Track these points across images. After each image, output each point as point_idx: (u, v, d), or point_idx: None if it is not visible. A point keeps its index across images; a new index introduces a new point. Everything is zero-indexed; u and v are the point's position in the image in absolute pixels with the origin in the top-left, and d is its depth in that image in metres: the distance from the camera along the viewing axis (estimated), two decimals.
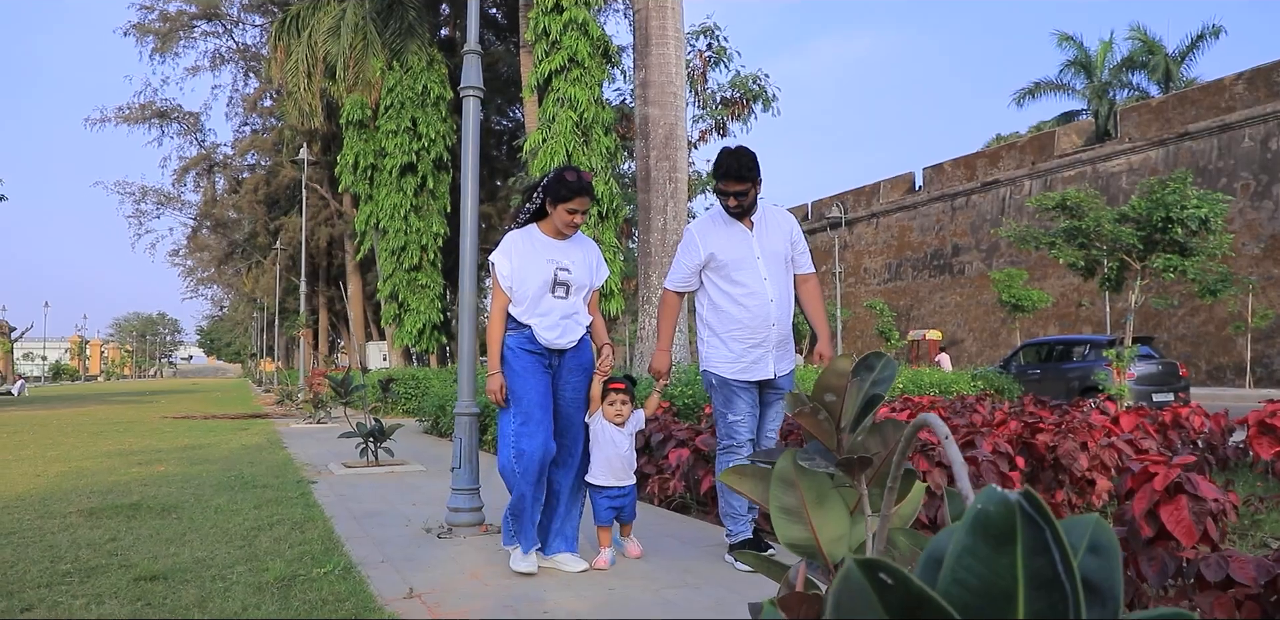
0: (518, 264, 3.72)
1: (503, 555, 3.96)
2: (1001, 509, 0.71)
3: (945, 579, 0.72)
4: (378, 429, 7.24)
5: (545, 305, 3.68)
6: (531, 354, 3.65)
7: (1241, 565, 2.34)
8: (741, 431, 3.71)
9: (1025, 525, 0.72)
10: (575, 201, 3.70)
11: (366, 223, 19.51)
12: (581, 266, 3.78)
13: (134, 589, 3.48)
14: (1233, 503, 4.54)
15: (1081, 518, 0.84)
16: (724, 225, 3.85)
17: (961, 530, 0.73)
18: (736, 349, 3.72)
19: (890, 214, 34.67)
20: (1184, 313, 23.51)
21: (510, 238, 3.81)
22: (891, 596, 0.69)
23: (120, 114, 33.39)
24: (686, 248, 3.87)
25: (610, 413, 3.71)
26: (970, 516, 0.73)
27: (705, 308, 3.86)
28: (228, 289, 56.16)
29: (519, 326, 3.69)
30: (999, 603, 0.71)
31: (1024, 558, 0.71)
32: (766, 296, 3.72)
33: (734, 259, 3.75)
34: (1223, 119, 22.71)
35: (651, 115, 8.99)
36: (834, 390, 1.74)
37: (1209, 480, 2.49)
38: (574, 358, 3.75)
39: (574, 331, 3.73)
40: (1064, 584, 0.71)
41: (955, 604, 0.71)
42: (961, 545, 0.72)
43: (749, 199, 3.78)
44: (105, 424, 14.05)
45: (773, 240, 3.83)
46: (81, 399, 26.83)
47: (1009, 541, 0.71)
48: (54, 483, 6.72)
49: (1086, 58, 32.32)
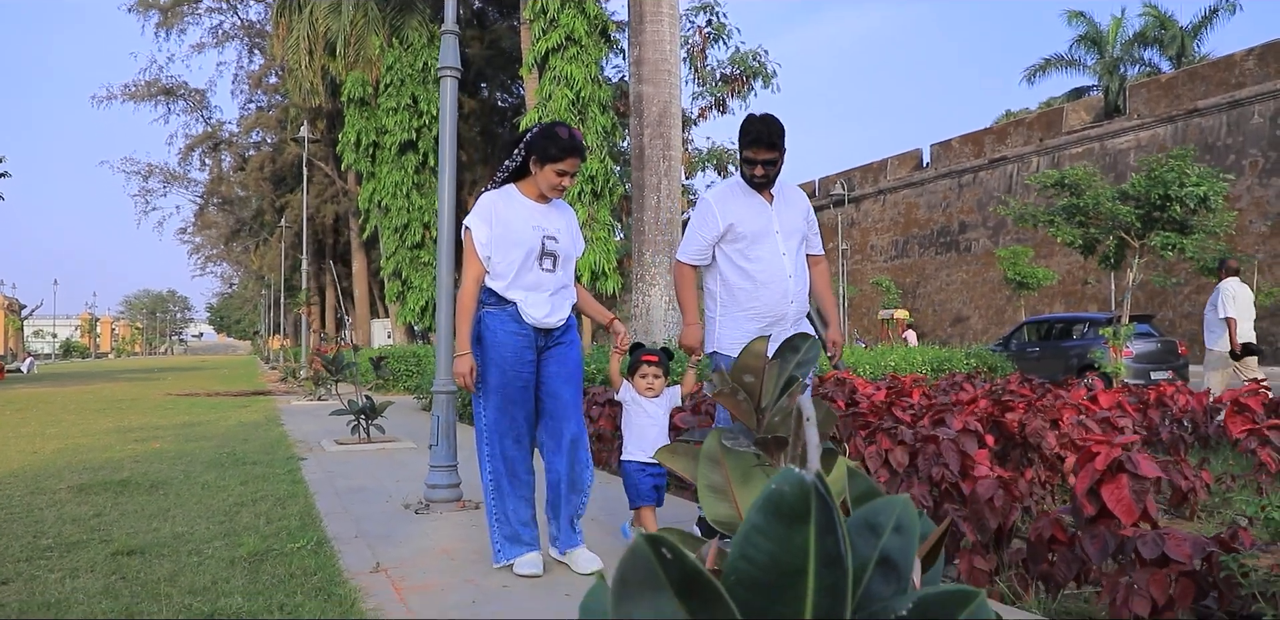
0: (499, 231, 3.26)
1: (475, 530, 4.02)
2: (797, 490, 0.74)
3: (734, 555, 0.75)
4: (369, 406, 7.32)
5: (532, 278, 3.26)
6: (517, 337, 3.23)
7: (1178, 543, 2.37)
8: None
9: (819, 506, 0.75)
10: (566, 162, 3.26)
11: (369, 200, 19.54)
12: (566, 235, 3.40)
13: (110, 563, 3.55)
14: (1205, 481, 4.58)
15: (891, 499, 0.88)
16: (743, 196, 3.64)
17: (754, 509, 0.76)
18: (751, 328, 3.51)
19: (897, 191, 34.48)
20: (1190, 290, 23.40)
21: (488, 199, 3.34)
22: (672, 570, 0.72)
23: (126, 91, 33.42)
24: (703, 218, 3.64)
25: (641, 386, 3.50)
26: (764, 496, 0.76)
27: (717, 283, 3.65)
28: (236, 266, 56.45)
29: (500, 302, 3.25)
30: (788, 578, 0.74)
31: (816, 536, 0.75)
32: (785, 272, 3.54)
33: (753, 232, 3.55)
34: (1232, 95, 22.44)
35: (646, 93, 8.96)
36: (752, 371, 1.77)
37: (1152, 458, 2.52)
38: (562, 334, 3.39)
39: (564, 309, 3.36)
40: (846, 561, 0.75)
41: (742, 579, 0.74)
42: (752, 523, 0.75)
43: (776, 169, 3.58)
44: (108, 401, 14.21)
45: (791, 215, 3.66)
46: (89, 376, 27.10)
47: (803, 521, 0.74)
48: (48, 459, 6.82)
49: (1098, 33, 31.91)
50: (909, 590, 0.80)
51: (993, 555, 2.99)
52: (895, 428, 3.51)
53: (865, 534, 0.85)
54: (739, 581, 0.73)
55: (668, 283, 9.01)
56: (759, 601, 0.71)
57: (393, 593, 3.02)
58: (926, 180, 32.89)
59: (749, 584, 0.73)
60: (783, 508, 0.74)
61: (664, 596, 0.68)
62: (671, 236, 9.09)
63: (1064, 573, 2.66)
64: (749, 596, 0.70)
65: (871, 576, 0.81)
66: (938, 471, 3.29)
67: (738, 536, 0.75)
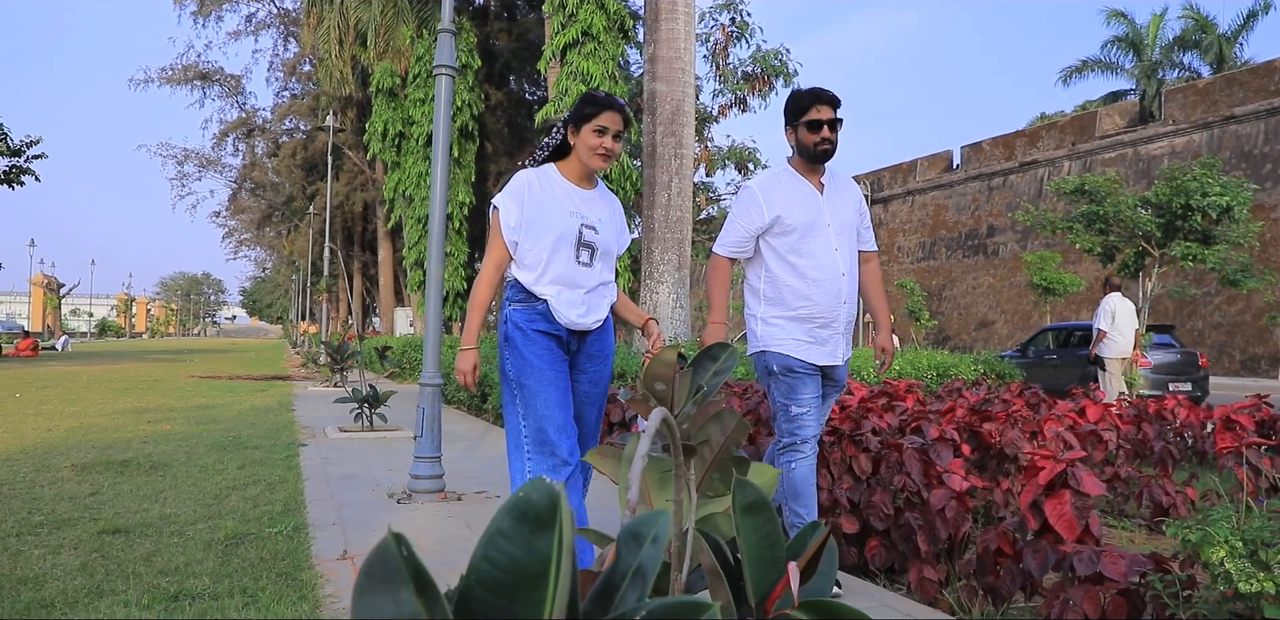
0: (531, 213, 2.85)
1: (450, 522, 4.10)
2: (544, 498, 0.80)
3: (476, 556, 0.80)
4: (372, 395, 7.43)
5: (566, 272, 2.88)
6: (547, 337, 2.86)
7: (1114, 560, 2.39)
8: (809, 425, 3.15)
9: (568, 513, 0.81)
10: (603, 117, 2.84)
11: (395, 190, 19.73)
12: (609, 227, 3.01)
13: (94, 541, 3.67)
14: (1190, 497, 4.55)
15: (656, 513, 0.93)
16: (792, 183, 3.28)
17: (500, 513, 0.81)
18: (803, 329, 3.20)
19: (926, 192, 34.19)
20: (1220, 300, 23.02)
21: (522, 177, 2.92)
22: (410, 568, 0.78)
23: (163, 75, 33.91)
24: (747, 207, 3.27)
25: None
26: (511, 502, 0.81)
27: (762, 281, 3.30)
28: (269, 251, 57.18)
29: (528, 298, 2.87)
30: (530, 580, 0.79)
31: (560, 542, 0.80)
32: (838, 270, 3.21)
33: (803, 224, 3.20)
34: (1271, 102, 22.02)
35: (659, 91, 8.98)
36: (663, 379, 1.82)
37: (1092, 475, 2.52)
38: (596, 342, 3.00)
39: (601, 308, 2.98)
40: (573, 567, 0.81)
41: (482, 580, 0.79)
42: (497, 527, 0.80)
43: (837, 138, 3.22)
44: (132, 381, 14.51)
45: (844, 207, 3.33)
46: (120, 356, 27.63)
47: (548, 527, 0.80)
48: (61, 438, 7.01)
49: (1137, 35, 31.40)
50: (645, 598, 0.86)
51: (944, 565, 3.01)
52: (861, 434, 3.53)
53: (631, 544, 0.91)
54: (479, 581, 0.79)
55: (676, 280, 9.04)
56: (499, 602, 0.76)
57: (352, 579, 3.10)
58: (956, 182, 32.58)
59: (488, 584, 0.79)
60: (529, 514, 0.79)
61: (405, 591, 0.74)
62: (681, 234, 9.12)
63: (1008, 586, 2.68)
64: (489, 597, 0.76)
65: (628, 584, 0.86)
66: (899, 479, 3.31)
67: (482, 539, 0.81)
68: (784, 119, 3.31)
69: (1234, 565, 1.82)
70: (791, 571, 1.44)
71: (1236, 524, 2.53)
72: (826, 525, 1.63)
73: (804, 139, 3.21)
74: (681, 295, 9.05)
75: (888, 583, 3.21)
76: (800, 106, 3.22)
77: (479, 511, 4.37)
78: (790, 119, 3.27)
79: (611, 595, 0.84)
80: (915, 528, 3.03)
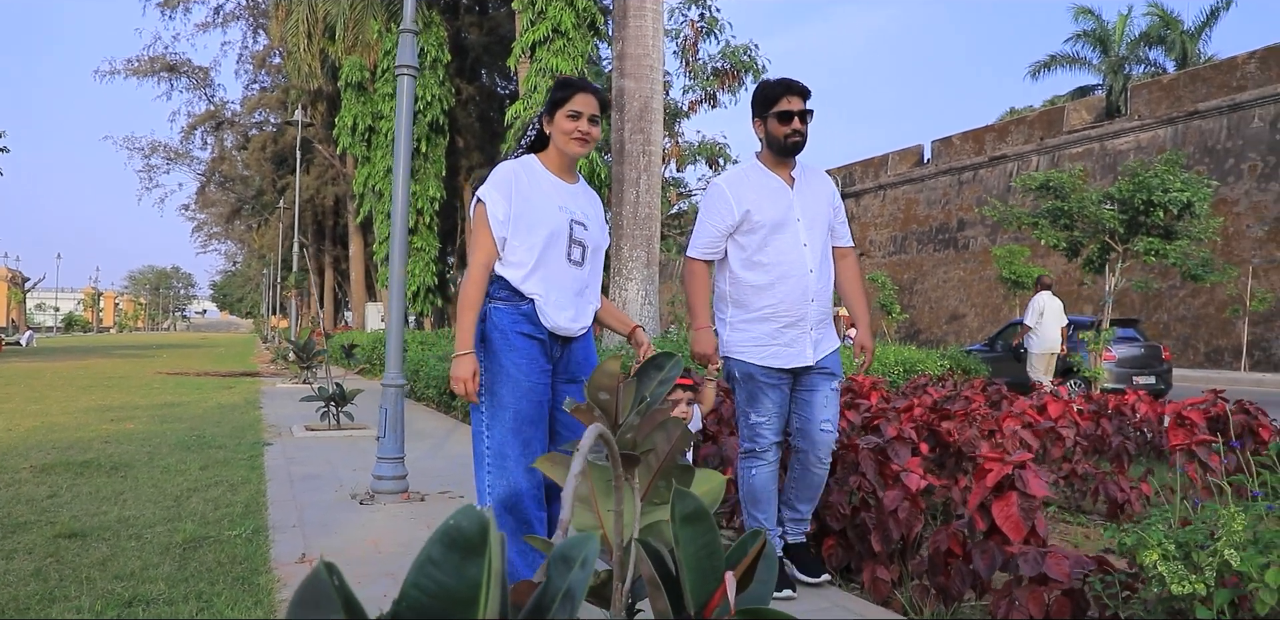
0: (520, 207, 2.68)
1: (411, 523, 4.09)
2: (474, 525, 0.82)
3: (408, 582, 0.82)
4: (338, 393, 7.39)
5: (556, 271, 2.70)
6: (531, 341, 2.65)
7: (1058, 561, 2.43)
8: (766, 435, 3.10)
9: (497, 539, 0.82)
10: (576, 100, 2.70)
11: (364, 185, 19.59)
12: (596, 224, 2.86)
13: (49, 546, 3.64)
14: (1144, 493, 4.64)
15: (585, 537, 0.95)
16: (761, 178, 3.16)
17: (431, 541, 0.83)
18: (766, 330, 3.10)
19: (897, 186, 34.42)
20: (1185, 294, 23.39)
21: (507, 169, 2.73)
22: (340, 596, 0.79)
23: (130, 66, 33.35)
24: (716, 206, 3.16)
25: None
26: (441, 530, 0.83)
27: (727, 282, 3.20)
28: (239, 244, 56.59)
29: (513, 297, 2.67)
30: (460, 607, 0.81)
31: (490, 568, 0.82)
32: (805, 266, 3.09)
33: (772, 220, 3.09)
34: (1233, 98, 22.35)
35: (628, 88, 8.97)
36: (607, 390, 1.84)
37: (1039, 477, 2.57)
38: (582, 349, 2.81)
39: (588, 313, 2.82)
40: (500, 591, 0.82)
41: (413, 606, 0.81)
42: (427, 554, 0.81)
43: (807, 130, 3.11)
44: (98, 378, 14.32)
45: (815, 201, 3.20)
46: (86, 351, 27.24)
47: (478, 554, 0.81)
48: (20, 438, 6.91)
49: (1104, 31, 31.75)
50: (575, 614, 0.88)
51: (896, 566, 3.06)
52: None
53: (561, 567, 0.93)
54: (410, 607, 0.81)
55: (645, 277, 9.05)
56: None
57: None
58: (927, 176, 32.82)
59: (419, 610, 0.80)
60: (459, 541, 0.81)
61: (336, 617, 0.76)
62: (650, 231, 9.13)
63: (958, 586, 2.72)
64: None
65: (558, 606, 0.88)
66: (854, 480, 3.35)
67: (413, 566, 0.82)
68: (752, 110, 3.19)
69: (1166, 568, 1.87)
70: (728, 581, 1.46)
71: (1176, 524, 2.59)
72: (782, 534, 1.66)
73: (774, 131, 3.10)
74: (651, 292, 9.07)
75: (843, 582, 3.25)
76: (770, 97, 3.11)
77: (441, 512, 4.37)
78: (759, 110, 3.15)
79: (542, 617, 0.86)
80: (869, 528, 3.07)
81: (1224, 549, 1.84)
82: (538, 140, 2.81)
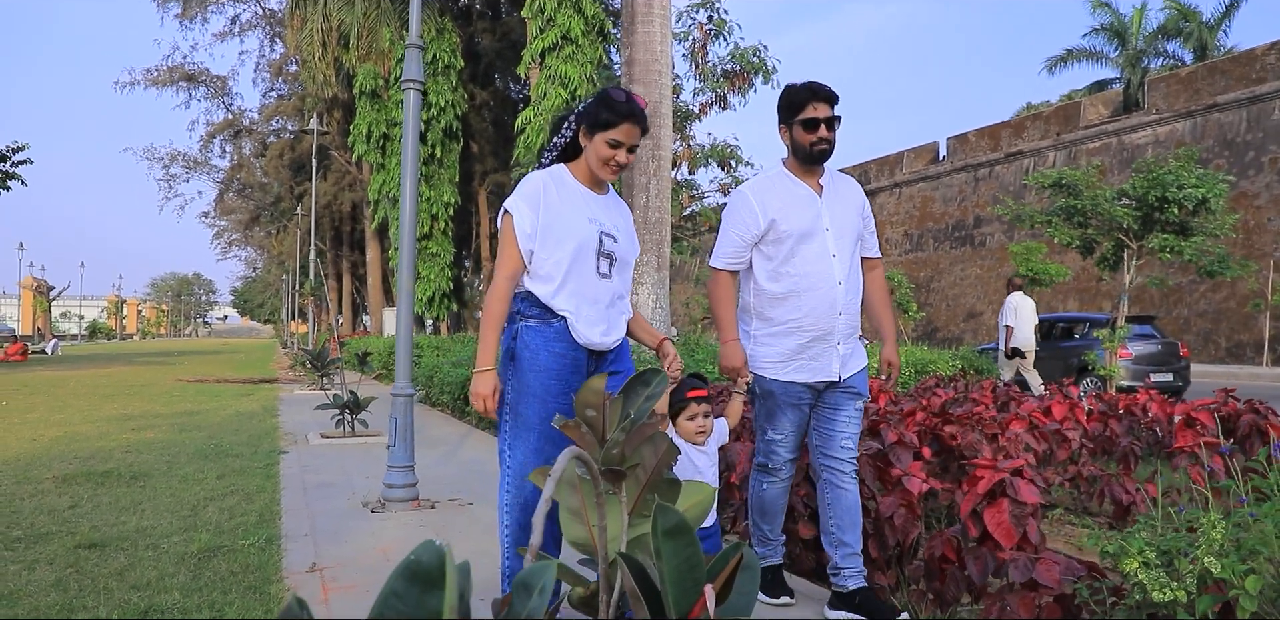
0: (548, 219, 2.62)
1: (420, 531, 4.17)
2: (434, 559, 0.88)
3: (373, 613, 0.88)
4: (353, 401, 7.49)
5: (586, 285, 2.64)
6: (564, 360, 2.60)
7: (1048, 567, 2.46)
8: (781, 453, 3.05)
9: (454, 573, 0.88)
10: (620, 129, 2.60)
11: (379, 192, 19.75)
12: (625, 235, 2.79)
13: (70, 556, 3.74)
14: (1151, 494, 4.64)
15: (545, 564, 1.01)
16: (788, 186, 3.06)
17: (394, 575, 0.89)
18: (790, 345, 3.00)
19: (913, 184, 34.28)
20: (1205, 288, 23.18)
21: (536, 180, 2.67)
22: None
23: (149, 77, 33.81)
24: (740, 214, 3.05)
25: (691, 429, 2.80)
26: (403, 565, 0.88)
27: (751, 294, 3.10)
28: (259, 250, 57.12)
29: (544, 314, 2.61)
30: None
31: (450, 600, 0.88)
32: (833, 278, 2.98)
33: (799, 229, 2.98)
34: (1252, 90, 22.13)
35: (636, 93, 9.03)
36: (594, 407, 1.89)
37: (1030, 484, 2.60)
38: (616, 361, 2.76)
39: (620, 326, 2.77)
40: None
41: None
42: (390, 588, 0.87)
43: (834, 137, 3.01)
44: (119, 386, 14.54)
45: (844, 210, 3.09)
46: (109, 359, 27.61)
47: (437, 586, 0.87)
48: (45, 447, 7.05)
49: (1121, 24, 31.50)
50: None
51: (894, 571, 3.09)
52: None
53: (522, 594, 0.99)
54: None
55: (655, 281, 9.10)
56: None
57: (320, 593, 3.17)
58: (943, 174, 32.68)
59: None
60: (420, 575, 0.87)
61: None
62: (660, 236, 9.18)
63: (953, 591, 2.76)
64: None
65: None
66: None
67: (378, 599, 0.88)
68: (778, 116, 3.08)
69: (1146, 576, 1.90)
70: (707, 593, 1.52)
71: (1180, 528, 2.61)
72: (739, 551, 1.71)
73: (799, 138, 3.00)
74: (662, 295, 9.12)
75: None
76: (795, 103, 3.00)
77: (450, 520, 4.43)
78: (784, 116, 3.04)
79: None
80: (867, 534, 3.11)
81: (1204, 556, 1.87)
82: (570, 148, 2.74)
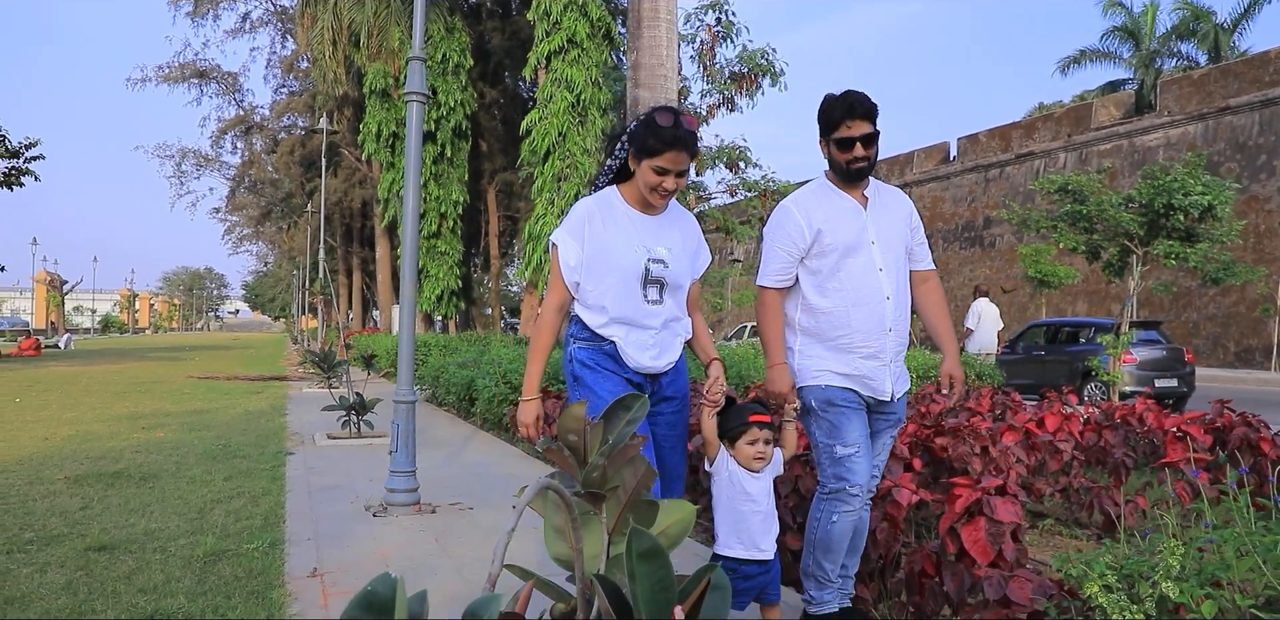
0: (593, 250, 2.64)
1: (420, 536, 4.26)
2: (388, 591, 0.97)
3: None
4: (359, 402, 7.60)
5: (633, 312, 2.64)
6: (616, 375, 2.66)
7: (1020, 585, 2.54)
8: (858, 469, 2.81)
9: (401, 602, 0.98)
10: (665, 157, 2.58)
11: (389, 190, 19.88)
12: (681, 254, 2.74)
13: (80, 559, 3.85)
14: (1140, 506, 4.70)
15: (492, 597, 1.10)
16: (832, 198, 2.95)
17: (352, 604, 0.98)
18: (844, 361, 2.88)
19: (923, 184, 34.24)
20: (1215, 292, 23.11)
21: (582, 209, 2.69)
22: None
23: (160, 73, 33.97)
24: (786, 228, 2.93)
25: (750, 454, 2.72)
26: (360, 595, 0.98)
27: (798, 310, 2.98)
28: (270, 245, 57.42)
29: (594, 338, 2.67)
30: None
31: None
32: (881, 293, 2.88)
33: (844, 243, 2.88)
34: (1265, 93, 22.03)
35: (642, 97, 9.10)
36: (575, 432, 1.98)
37: (1012, 502, 2.68)
38: (671, 383, 2.77)
39: (674, 348, 2.75)
40: None
41: None
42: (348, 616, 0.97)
43: (876, 152, 2.90)
44: (131, 383, 14.71)
45: (891, 222, 2.98)
46: (122, 354, 27.86)
47: (389, 614, 0.97)
48: (57, 447, 7.19)
49: (1135, 25, 31.36)
50: None
51: (875, 584, 3.17)
52: (806, 453, 3.68)
53: None
54: None
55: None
56: None
57: (319, 597, 3.27)
58: (953, 174, 32.64)
59: None
60: (374, 605, 0.97)
61: None
62: None
63: (932, 605, 2.84)
64: None
65: None
66: None
67: None
68: (818, 128, 2.97)
69: (1106, 600, 1.97)
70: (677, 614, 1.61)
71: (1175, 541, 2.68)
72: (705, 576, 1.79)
73: (835, 157, 2.90)
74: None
75: None
76: (830, 121, 2.88)
77: (450, 525, 4.53)
78: (822, 131, 2.94)
79: None
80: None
81: (1163, 581, 1.95)
82: (624, 169, 2.73)
